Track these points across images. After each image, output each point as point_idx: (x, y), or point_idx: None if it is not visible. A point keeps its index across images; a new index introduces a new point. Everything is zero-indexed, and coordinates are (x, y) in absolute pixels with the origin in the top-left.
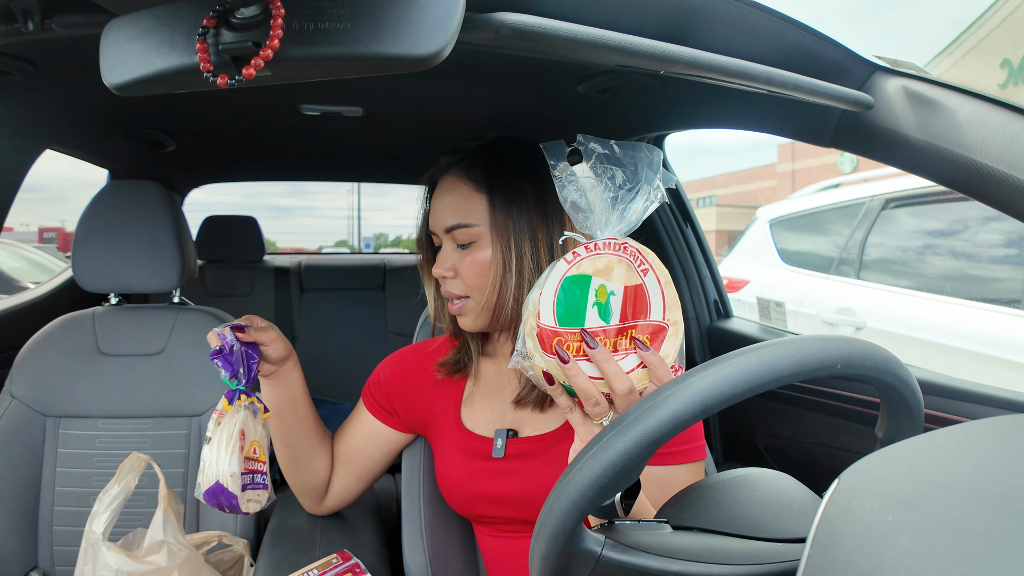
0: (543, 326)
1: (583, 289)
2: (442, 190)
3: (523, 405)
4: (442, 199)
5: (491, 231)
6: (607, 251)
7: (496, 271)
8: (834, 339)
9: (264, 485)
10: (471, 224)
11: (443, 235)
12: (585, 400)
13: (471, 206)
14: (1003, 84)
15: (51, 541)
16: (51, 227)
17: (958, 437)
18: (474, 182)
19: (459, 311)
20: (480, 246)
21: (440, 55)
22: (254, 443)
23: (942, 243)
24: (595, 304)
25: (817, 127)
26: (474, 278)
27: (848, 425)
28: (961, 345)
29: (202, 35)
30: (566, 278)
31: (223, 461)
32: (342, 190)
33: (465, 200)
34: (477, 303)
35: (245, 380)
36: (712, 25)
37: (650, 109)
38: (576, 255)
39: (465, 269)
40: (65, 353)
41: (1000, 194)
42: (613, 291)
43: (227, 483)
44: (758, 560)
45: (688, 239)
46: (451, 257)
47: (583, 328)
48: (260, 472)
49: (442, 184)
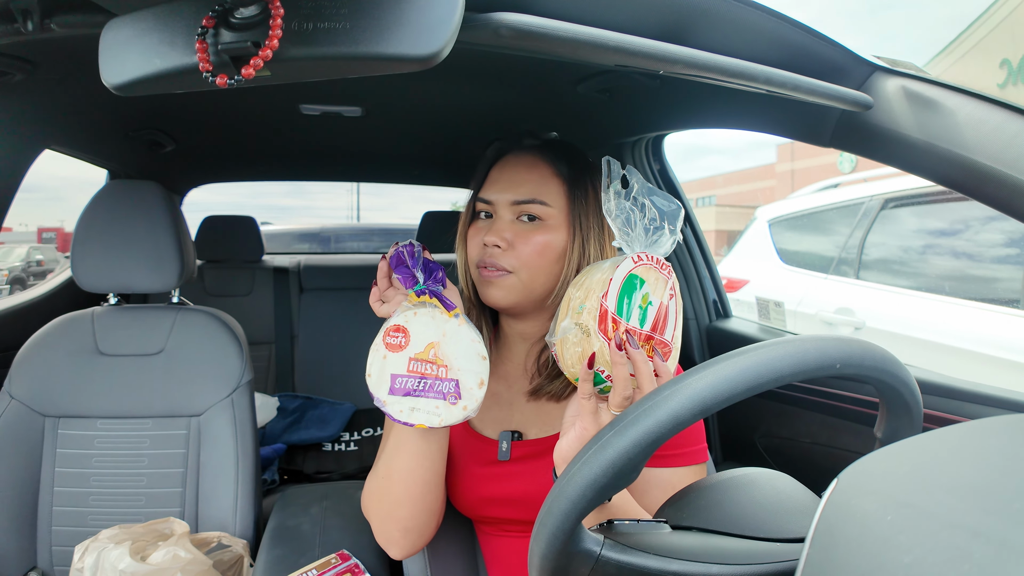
0: (608, 308)
1: (635, 290)
2: (519, 165)
3: (538, 396)
4: (519, 173)
5: (567, 218)
6: (655, 266)
7: (557, 256)
8: (833, 339)
9: (444, 394)
10: (547, 203)
11: (508, 207)
12: (621, 389)
13: (550, 188)
14: (1002, 84)
15: (50, 541)
16: (50, 227)
17: (957, 437)
18: (555, 167)
19: (495, 280)
20: (549, 228)
21: (439, 55)
22: (431, 345)
23: (942, 243)
24: (638, 307)
25: (816, 127)
26: (532, 256)
27: (847, 425)
28: (960, 345)
29: (201, 35)
30: (631, 274)
31: (370, 356)
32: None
33: (545, 180)
34: (521, 282)
35: (424, 279)
36: (711, 25)
37: (649, 109)
38: (639, 258)
39: (526, 244)
40: (64, 353)
41: (999, 194)
42: (652, 302)
43: (369, 383)
44: (757, 560)
45: (687, 239)
46: (509, 228)
47: (628, 326)
48: (436, 378)
49: (519, 159)
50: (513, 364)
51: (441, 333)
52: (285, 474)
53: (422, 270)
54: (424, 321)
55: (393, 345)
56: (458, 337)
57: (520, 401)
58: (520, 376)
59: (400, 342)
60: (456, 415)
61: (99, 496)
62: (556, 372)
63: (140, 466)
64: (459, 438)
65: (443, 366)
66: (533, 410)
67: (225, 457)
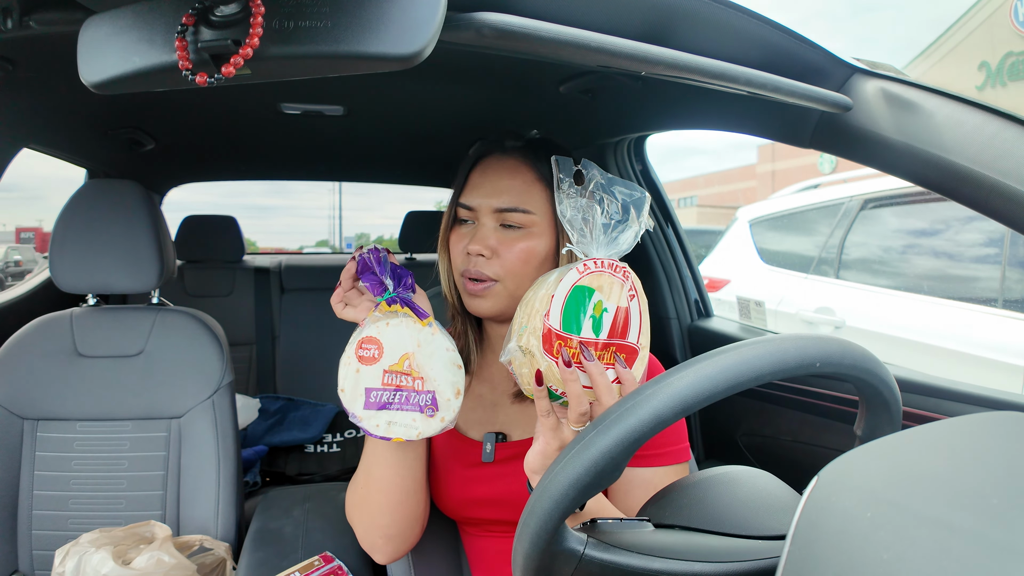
0: (551, 327)
1: (585, 300)
2: (501, 169)
3: (522, 398)
4: (501, 179)
5: (551, 224)
6: (607, 270)
7: (541, 262)
8: (813, 338)
9: (421, 407)
10: (530, 211)
11: (490, 214)
12: (576, 406)
13: (532, 193)
14: (980, 86)
15: (30, 545)
16: (28, 227)
17: (936, 434)
18: (538, 171)
19: (483, 293)
20: (533, 234)
21: (421, 54)
22: (406, 356)
23: (921, 242)
24: (591, 317)
25: (797, 128)
26: (517, 264)
27: (827, 423)
28: (939, 343)
29: (181, 33)
30: (576, 286)
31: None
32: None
33: (527, 186)
34: (507, 289)
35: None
36: (693, 27)
37: (632, 110)
38: (586, 267)
39: (510, 251)
40: (42, 355)
41: (977, 195)
42: (607, 308)
43: (343, 398)
44: (739, 557)
45: (669, 239)
46: (492, 236)
47: (581, 338)
48: (412, 390)
49: (501, 163)
50: (498, 366)
51: (415, 343)
52: (267, 476)
53: (391, 277)
54: (397, 331)
55: (366, 358)
56: (433, 347)
57: (504, 403)
58: (505, 378)
59: (373, 354)
60: (434, 427)
61: (79, 499)
62: None
63: (120, 469)
64: (443, 440)
65: (419, 378)
66: (517, 412)
67: (206, 459)
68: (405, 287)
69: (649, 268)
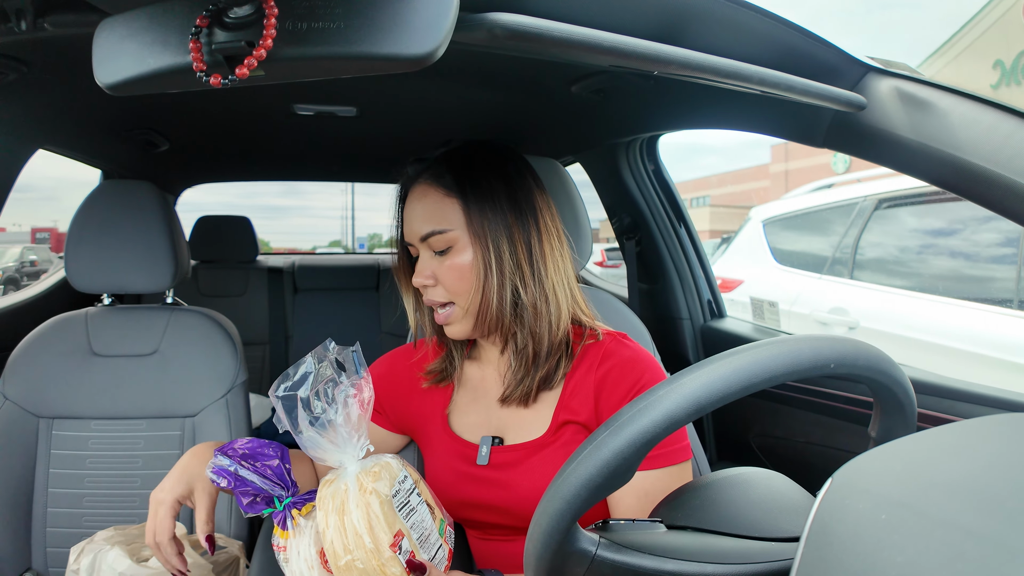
0: None
1: None
2: (413, 199)
3: (508, 403)
4: (414, 208)
5: (468, 234)
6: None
7: (478, 273)
8: (827, 339)
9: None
10: (446, 229)
11: (419, 244)
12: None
13: (444, 211)
14: (995, 85)
15: (45, 543)
16: (44, 227)
17: (951, 436)
18: (444, 187)
19: (446, 320)
20: (458, 250)
21: (434, 55)
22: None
23: (936, 242)
24: None
25: (810, 127)
26: (455, 283)
27: (841, 424)
28: (954, 345)
29: (195, 34)
30: None
31: None
32: (336, 190)
33: (437, 206)
34: (462, 308)
35: (284, 487)
36: (705, 26)
37: (643, 110)
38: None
39: (445, 275)
40: (58, 354)
41: (992, 194)
42: None
43: None
44: (752, 559)
45: (682, 239)
46: (430, 265)
47: None
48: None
49: (412, 193)
50: (490, 370)
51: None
52: None
53: (273, 477)
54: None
55: None
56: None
57: (497, 407)
58: (496, 381)
59: None
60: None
61: (94, 497)
62: (519, 378)
63: (135, 467)
64: (441, 441)
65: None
66: (508, 415)
67: None
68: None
69: (662, 268)
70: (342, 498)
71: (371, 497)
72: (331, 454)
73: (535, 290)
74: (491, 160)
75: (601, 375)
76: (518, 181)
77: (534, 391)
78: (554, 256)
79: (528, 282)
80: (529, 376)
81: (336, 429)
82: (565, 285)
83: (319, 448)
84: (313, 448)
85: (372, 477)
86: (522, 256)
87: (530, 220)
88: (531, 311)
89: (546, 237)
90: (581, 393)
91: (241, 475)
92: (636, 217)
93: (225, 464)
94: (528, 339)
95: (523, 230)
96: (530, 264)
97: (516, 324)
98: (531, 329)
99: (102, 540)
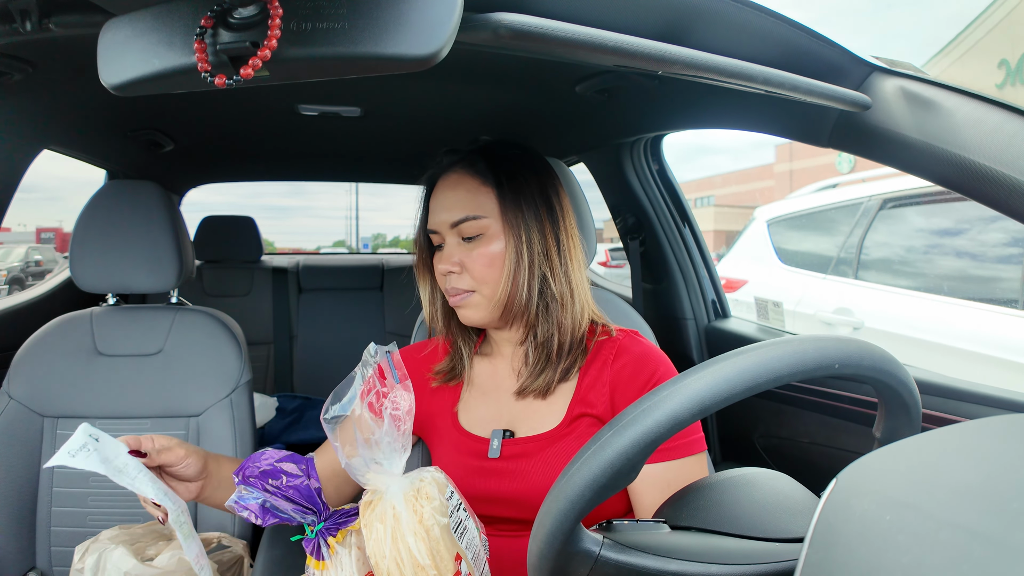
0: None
1: None
2: (445, 186)
3: (525, 395)
4: (446, 195)
5: (501, 223)
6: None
7: (510, 262)
8: (832, 339)
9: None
10: (480, 216)
11: (448, 231)
12: None
13: (479, 199)
14: (1001, 84)
15: (49, 541)
16: (49, 227)
17: (956, 437)
18: (480, 176)
19: (461, 303)
20: (489, 238)
21: (438, 55)
22: None
23: (941, 242)
24: None
25: (815, 127)
26: (484, 270)
27: (846, 425)
28: (960, 345)
29: (200, 35)
30: None
31: None
32: (340, 190)
33: (472, 194)
34: (485, 297)
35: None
36: (710, 25)
37: (648, 109)
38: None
39: (473, 262)
40: (63, 353)
41: (997, 194)
42: None
43: None
44: (756, 560)
45: (686, 239)
46: (457, 252)
47: None
48: None
49: (445, 181)
50: (502, 364)
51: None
52: None
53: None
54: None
55: None
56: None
57: (509, 401)
58: (508, 376)
59: None
60: None
61: (98, 496)
62: (539, 370)
63: None
64: (451, 437)
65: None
66: (521, 408)
67: None
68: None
69: (666, 268)
70: (392, 524)
71: (430, 523)
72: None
73: (563, 282)
74: (523, 157)
75: (616, 369)
76: (547, 179)
77: (555, 383)
78: (577, 253)
79: (557, 274)
80: (551, 367)
81: (380, 448)
82: (586, 281)
83: (368, 471)
84: (362, 473)
85: (425, 499)
86: (552, 248)
87: (558, 215)
88: (558, 302)
89: (571, 233)
90: (598, 387)
91: (267, 507)
92: (640, 217)
93: (251, 498)
94: (553, 330)
95: (552, 224)
96: (559, 256)
97: (541, 315)
98: (557, 320)
99: (107, 539)
